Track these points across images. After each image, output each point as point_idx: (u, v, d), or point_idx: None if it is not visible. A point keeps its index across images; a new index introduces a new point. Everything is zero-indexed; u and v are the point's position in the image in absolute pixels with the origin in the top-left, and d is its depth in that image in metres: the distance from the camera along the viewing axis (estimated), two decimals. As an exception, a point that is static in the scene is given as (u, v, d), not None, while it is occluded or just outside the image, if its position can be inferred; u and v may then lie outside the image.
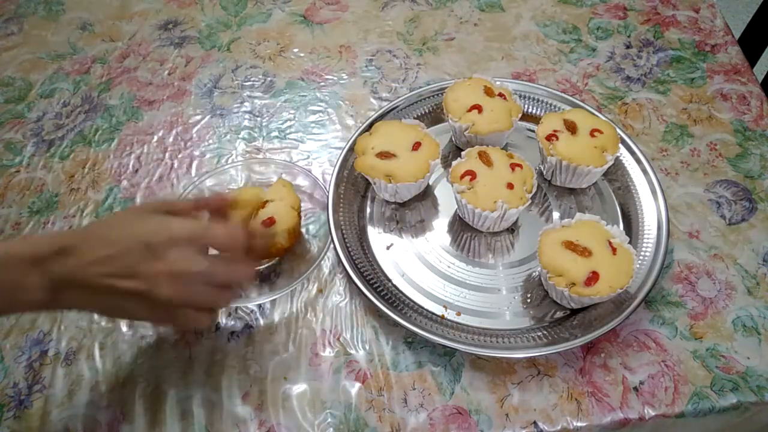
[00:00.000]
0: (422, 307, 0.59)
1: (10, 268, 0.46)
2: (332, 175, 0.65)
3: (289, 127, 0.75)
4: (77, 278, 0.46)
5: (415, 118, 0.70)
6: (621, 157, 0.66)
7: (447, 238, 0.64)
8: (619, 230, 0.58)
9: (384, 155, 0.62)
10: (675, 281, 0.61)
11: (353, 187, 0.67)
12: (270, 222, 0.59)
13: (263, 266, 0.62)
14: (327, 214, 0.63)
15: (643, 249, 0.60)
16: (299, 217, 0.62)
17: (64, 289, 0.46)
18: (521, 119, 0.67)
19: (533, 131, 0.66)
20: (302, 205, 0.66)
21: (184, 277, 0.47)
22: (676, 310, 0.59)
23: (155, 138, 0.74)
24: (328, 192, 0.64)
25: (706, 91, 0.75)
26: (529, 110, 0.72)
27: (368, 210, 0.67)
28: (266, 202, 0.61)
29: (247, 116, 0.76)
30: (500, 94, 0.67)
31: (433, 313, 0.59)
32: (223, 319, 0.60)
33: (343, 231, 0.62)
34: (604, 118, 0.66)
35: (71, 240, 0.47)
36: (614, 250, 0.56)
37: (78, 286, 0.46)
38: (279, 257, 0.62)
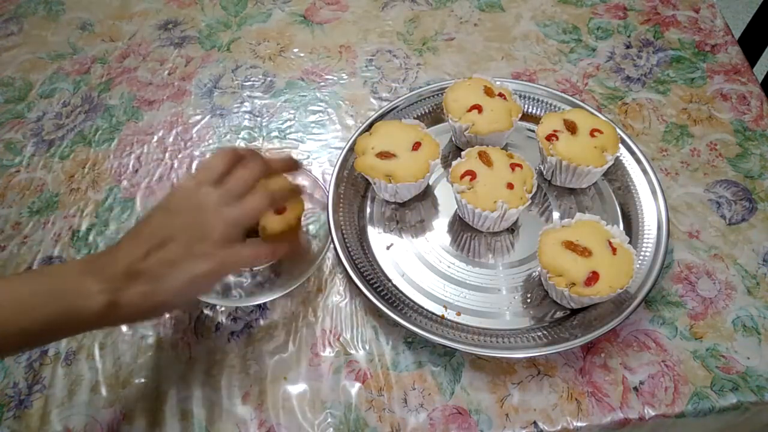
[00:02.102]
0: (422, 307, 0.59)
1: (65, 276, 0.46)
2: (332, 175, 0.65)
3: (289, 127, 0.75)
4: (128, 272, 0.46)
5: (415, 118, 0.70)
6: (621, 157, 0.66)
7: (447, 238, 0.64)
8: (619, 230, 0.58)
9: (384, 155, 0.62)
10: (675, 281, 0.61)
11: (353, 187, 0.67)
12: (282, 209, 0.59)
13: (263, 266, 0.62)
14: (327, 214, 0.63)
15: (643, 249, 0.60)
16: (303, 204, 0.62)
17: (121, 288, 0.45)
18: (521, 119, 0.67)
19: (533, 131, 0.66)
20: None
21: (212, 208, 0.48)
22: (676, 310, 0.59)
23: (155, 138, 0.74)
24: (328, 192, 0.64)
25: (706, 91, 0.75)
26: (529, 110, 0.72)
27: (368, 210, 0.67)
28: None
29: (247, 116, 0.76)
30: (500, 94, 0.67)
31: (433, 313, 0.59)
32: (222, 319, 0.60)
33: (343, 231, 0.62)
34: (604, 118, 0.66)
35: (112, 246, 0.48)
36: (614, 250, 0.56)
37: (132, 280, 0.46)
38: (291, 241, 0.62)
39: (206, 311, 0.61)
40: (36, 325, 0.44)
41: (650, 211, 0.62)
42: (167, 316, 0.60)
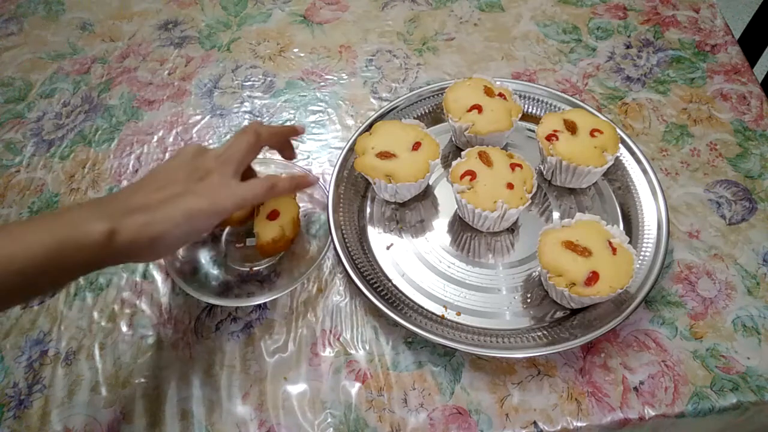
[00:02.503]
0: (422, 307, 0.59)
1: (63, 211, 0.48)
2: (332, 175, 0.65)
3: (289, 127, 0.75)
4: (125, 206, 0.48)
5: (415, 118, 0.70)
6: (621, 157, 0.66)
7: (447, 238, 0.64)
8: (619, 230, 0.58)
9: (384, 155, 0.62)
10: (675, 281, 0.61)
11: (353, 187, 0.67)
12: (275, 215, 0.60)
13: (263, 266, 0.62)
14: (327, 214, 0.63)
15: (643, 249, 0.60)
16: (297, 206, 0.62)
17: (119, 219, 0.46)
18: (521, 119, 0.67)
19: (533, 131, 0.66)
20: (302, 205, 0.66)
21: (211, 158, 0.52)
22: (676, 310, 0.59)
23: (155, 138, 0.74)
24: (328, 192, 0.64)
25: (706, 91, 0.75)
26: (529, 110, 0.72)
27: (368, 210, 0.67)
28: None
29: (247, 116, 0.76)
30: (500, 94, 0.67)
31: (433, 313, 0.59)
32: (223, 319, 0.60)
33: (343, 231, 0.62)
34: (604, 118, 0.66)
35: (112, 193, 0.52)
36: (614, 250, 0.56)
37: (129, 213, 0.47)
38: (284, 251, 0.62)
39: (206, 311, 0.61)
40: (35, 260, 0.43)
41: (650, 211, 0.62)
42: (166, 315, 0.60)
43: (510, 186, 0.60)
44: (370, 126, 0.66)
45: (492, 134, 0.65)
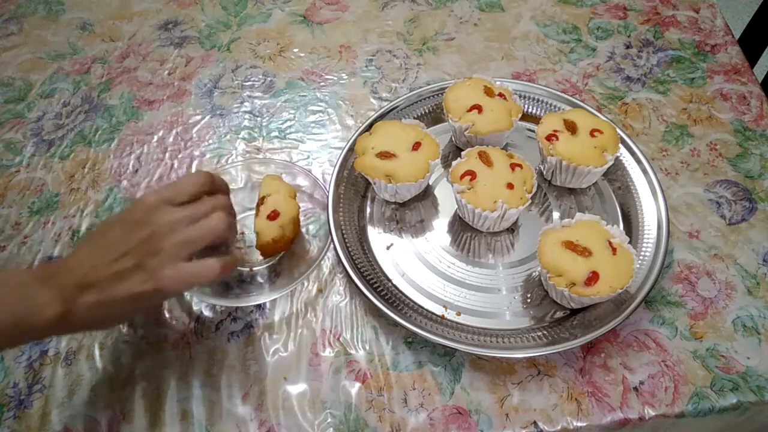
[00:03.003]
0: (422, 307, 0.59)
1: (18, 286, 0.47)
2: (332, 175, 0.65)
3: (289, 127, 0.75)
4: (79, 283, 0.47)
5: (415, 118, 0.70)
6: (621, 157, 0.66)
7: (447, 238, 0.64)
8: (619, 230, 0.58)
9: (384, 155, 0.62)
10: (675, 281, 0.61)
11: (353, 187, 0.67)
12: (275, 215, 0.59)
13: (263, 266, 0.62)
14: (327, 214, 0.63)
15: (643, 249, 0.60)
16: (297, 206, 0.62)
17: (73, 299, 0.46)
18: (521, 119, 0.67)
19: (533, 131, 0.66)
20: (302, 205, 0.66)
21: (169, 227, 0.49)
22: (676, 310, 0.59)
23: (155, 138, 0.74)
24: (328, 192, 0.64)
25: (706, 91, 0.75)
26: (529, 110, 0.72)
27: (368, 210, 0.67)
28: (264, 197, 0.61)
29: (247, 116, 0.76)
30: (500, 94, 0.67)
31: (433, 313, 0.59)
32: (222, 319, 0.60)
33: (343, 231, 0.62)
34: (604, 118, 0.66)
35: (65, 257, 0.50)
36: (614, 250, 0.56)
37: (82, 291, 0.47)
38: (284, 251, 0.62)
39: (206, 311, 0.61)
40: None
41: (650, 211, 0.62)
42: (167, 315, 0.60)
43: (510, 186, 0.60)
44: (370, 126, 0.66)
45: (492, 134, 0.65)
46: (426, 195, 0.67)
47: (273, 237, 0.59)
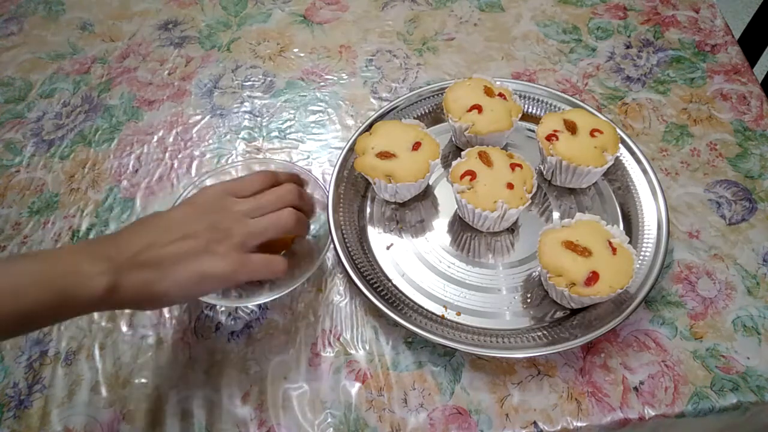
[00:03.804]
0: (422, 307, 0.59)
1: (62, 258, 0.45)
2: (332, 175, 0.65)
3: (289, 127, 0.75)
4: (134, 258, 0.45)
5: (415, 118, 0.70)
6: (621, 157, 0.66)
7: (447, 238, 0.64)
8: (619, 230, 0.58)
9: (384, 155, 0.62)
10: (675, 281, 0.61)
11: (353, 187, 0.67)
12: None
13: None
14: (327, 214, 0.63)
15: (643, 249, 0.60)
16: None
17: (123, 272, 0.45)
18: (521, 119, 0.67)
19: (533, 131, 0.66)
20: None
21: (236, 216, 0.49)
22: (676, 310, 0.59)
23: (155, 138, 0.74)
24: (328, 192, 0.64)
25: (706, 91, 0.75)
26: (529, 110, 0.72)
27: (368, 210, 0.67)
28: None
29: (247, 116, 0.76)
30: (500, 94, 0.67)
31: (433, 313, 0.59)
32: (223, 319, 0.60)
33: (343, 231, 0.62)
34: (604, 118, 0.66)
35: (115, 233, 0.48)
36: (614, 250, 0.56)
37: (136, 266, 0.45)
38: (284, 251, 0.62)
39: (206, 311, 0.61)
40: (32, 308, 0.42)
41: (650, 211, 0.62)
42: (167, 315, 0.60)
43: (510, 186, 0.60)
44: (370, 126, 0.66)
45: (492, 134, 0.65)
46: (426, 195, 0.67)
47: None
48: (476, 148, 0.63)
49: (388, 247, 0.64)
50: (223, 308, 0.61)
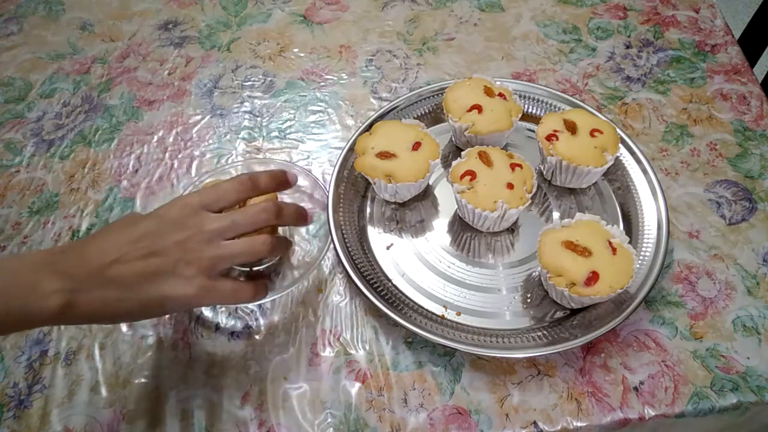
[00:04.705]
0: (422, 307, 0.59)
1: (21, 272, 0.43)
2: (332, 175, 0.65)
3: (289, 127, 0.75)
4: (96, 274, 0.43)
5: (415, 118, 0.70)
6: (621, 157, 0.66)
7: (447, 238, 0.64)
8: (619, 230, 0.58)
9: (384, 155, 0.62)
10: (675, 281, 0.61)
11: (353, 187, 0.67)
12: None
13: (263, 266, 0.62)
14: (327, 214, 0.63)
15: (643, 249, 0.60)
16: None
17: (82, 290, 0.43)
18: (521, 119, 0.67)
19: (533, 131, 0.66)
20: (302, 205, 0.66)
21: (210, 231, 0.46)
22: (676, 310, 0.59)
23: (155, 138, 0.74)
24: (328, 192, 0.64)
25: (706, 91, 0.75)
26: (529, 110, 0.72)
27: (368, 210, 0.67)
28: (246, 200, 0.61)
29: (247, 116, 0.76)
30: (500, 94, 0.67)
31: (433, 313, 0.59)
32: (223, 319, 0.60)
33: (343, 231, 0.62)
34: (604, 118, 0.66)
35: (82, 241, 0.45)
36: (614, 250, 0.56)
37: (98, 283, 0.43)
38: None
39: (206, 311, 0.61)
40: None
41: (650, 211, 0.62)
42: (167, 315, 0.60)
43: (510, 186, 0.60)
44: (370, 126, 0.66)
45: (492, 134, 0.65)
46: (426, 195, 0.67)
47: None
48: (476, 148, 0.63)
49: (388, 247, 0.64)
50: (223, 308, 0.61)
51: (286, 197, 0.67)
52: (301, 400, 0.55)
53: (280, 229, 0.64)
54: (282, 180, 0.55)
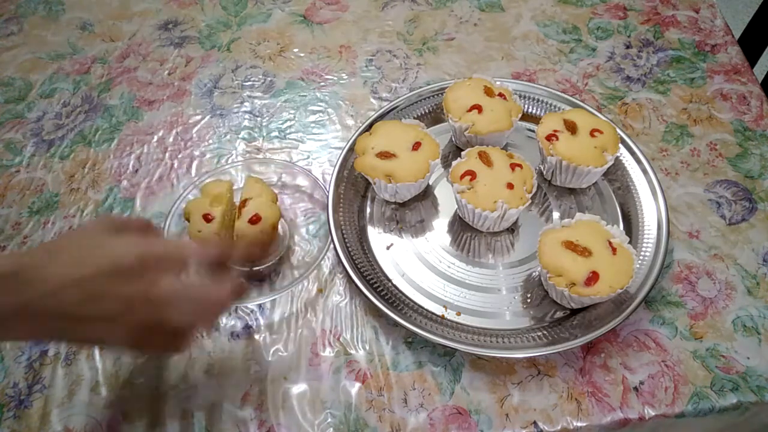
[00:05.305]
0: (422, 307, 0.59)
1: None
2: (332, 175, 0.65)
3: (289, 127, 0.75)
4: (37, 306, 0.42)
5: (415, 118, 0.70)
6: (621, 157, 0.66)
7: (447, 238, 0.64)
8: (619, 230, 0.58)
9: (384, 155, 0.62)
10: (675, 281, 0.61)
11: (353, 187, 0.67)
12: (257, 219, 0.60)
13: (263, 266, 0.62)
14: (327, 214, 0.63)
15: (643, 249, 0.60)
16: (279, 210, 0.62)
17: (18, 318, 0.41)
18: (521, 119, 0.67)
19: (533, 131, 0.66)
20: (302, 205, 0.66)
21: (157, 297, 0.44)
22: (676, 310, 0.59)
23: (155, 138, 0.74)
24: (328, 192, 0.64)
25: (706, 91, 0.75)
26: (529, 110, 0.72)
27: (368, 210, 0.67)
28: (246, 200, 0.61)
29: (247, 116, 0.76)
30: (500, 94, 0.67)
31: (433, 313, 0.59)
32: (223, 319, 0.60)
33: (343, 231, 0.62)
34: (604, 118, 0.66)
35: (27, 262, 0.43)
36: (614, 250, 0.56)
37: (36, 314, 0.42)
38: (265, 253, 0.62)
39: (206, 311, 0.61)
40: None
41: (650, 211, 0.62)
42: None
43: (510, 186, 0.60)
44: (370, 126, 0.66)
45: (492, 134, 0.65)
46: (426, 195, 0.67)
47: (252, 241, 0.59)
48: (476, 148, 0.63)
49: (388, 247, 0.64)
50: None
51: (286, 198, 0.67)
52: (301, 400, 0.55)
53: (280, 229, 0.64)
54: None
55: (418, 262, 0.62)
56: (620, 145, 0.64)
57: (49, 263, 0.43)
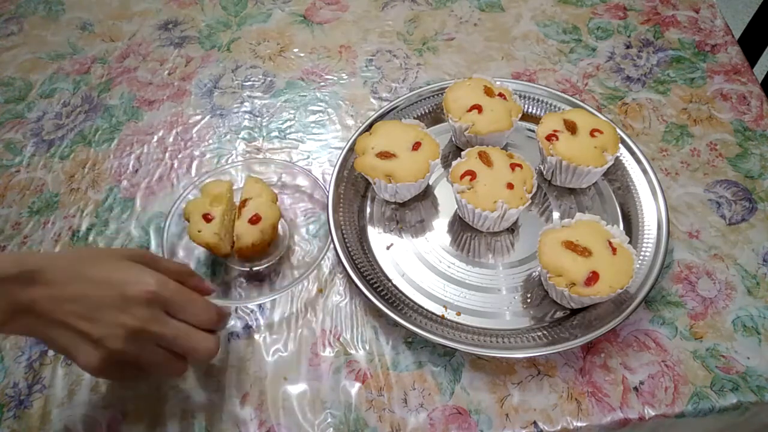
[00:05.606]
0: (422, 307, 0.59)
1: None
2: (332, 175, 0.65)
3: (289, 127, 0.75)
4: (39, 308, 0.45)
5: (415, 118, 0.70)
6: (621, 157, 0.66)
7: (447, 238, 0.64)
8: (619, 230, 0.58)
9: (384, 155, 0.62)
10: (675, 281, 0.61)
11: (353, 187, 0.67)
12: (257, 219, 0.60)
13: (263, 266, 0.62)
14: (327, 214, 0.63)
15: (643, 249, 0.60)
16: (279, 210, 0.63)
17: (22, 315, 0.45)
18: (521, 119, 0.67)
19: (533, 131, 0.66)
20: (302, 205, 0.66)
21: (142, 335, 0.46)
22: (676, 310, 0.59)
23: (155, 138, 0.74)
24: (328, 192, 0.64)
25: (706, 91, 0.75)
26: (529, 110, 0.72)
27: (368, 210, 0.67)
28: (246, 200, 0.61)
29: (247, 116, 0.76)
30: (500, 94, 0.67)
31: (433, 313, 0.59)
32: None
33: (343, 231, 0.62)
34: (604, 118, 0.66)
35: (41, 265, 0.46)
36: (614, 250, 0.56)
37: (37, 315, 0.45)
38: (261, 255, 0.62)
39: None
40: None
41: (650, 211, 0.62)
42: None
43: (510, 186, 0.60)
44: (370, 126, 0.66)
45: (492, 134, 0.65)
46: (426, 195, 0.67)
47: (252, 241, 0.59)
48: (476, 148, 0.63)
49: (388, 247, 0.64)
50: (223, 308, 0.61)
51: (286, 198, 0.67)
52: (301, 400, 0.55)
53: (280, 229, 0.64)
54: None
55: (418, 262, 0.62)
56: (620, 145, 0.64)
57: (60, 272, 0.46)
